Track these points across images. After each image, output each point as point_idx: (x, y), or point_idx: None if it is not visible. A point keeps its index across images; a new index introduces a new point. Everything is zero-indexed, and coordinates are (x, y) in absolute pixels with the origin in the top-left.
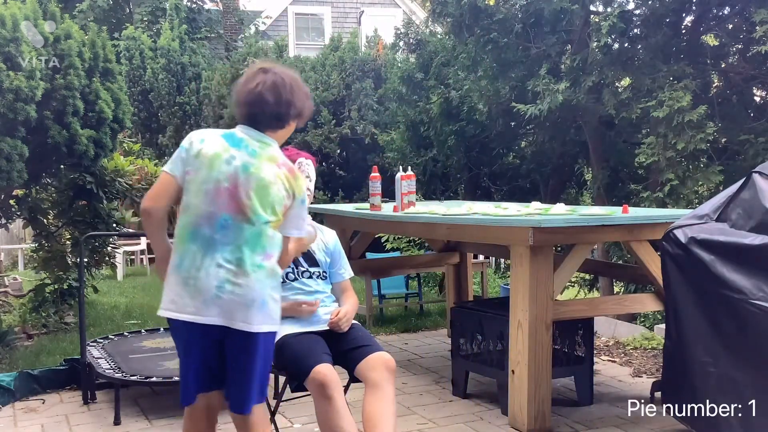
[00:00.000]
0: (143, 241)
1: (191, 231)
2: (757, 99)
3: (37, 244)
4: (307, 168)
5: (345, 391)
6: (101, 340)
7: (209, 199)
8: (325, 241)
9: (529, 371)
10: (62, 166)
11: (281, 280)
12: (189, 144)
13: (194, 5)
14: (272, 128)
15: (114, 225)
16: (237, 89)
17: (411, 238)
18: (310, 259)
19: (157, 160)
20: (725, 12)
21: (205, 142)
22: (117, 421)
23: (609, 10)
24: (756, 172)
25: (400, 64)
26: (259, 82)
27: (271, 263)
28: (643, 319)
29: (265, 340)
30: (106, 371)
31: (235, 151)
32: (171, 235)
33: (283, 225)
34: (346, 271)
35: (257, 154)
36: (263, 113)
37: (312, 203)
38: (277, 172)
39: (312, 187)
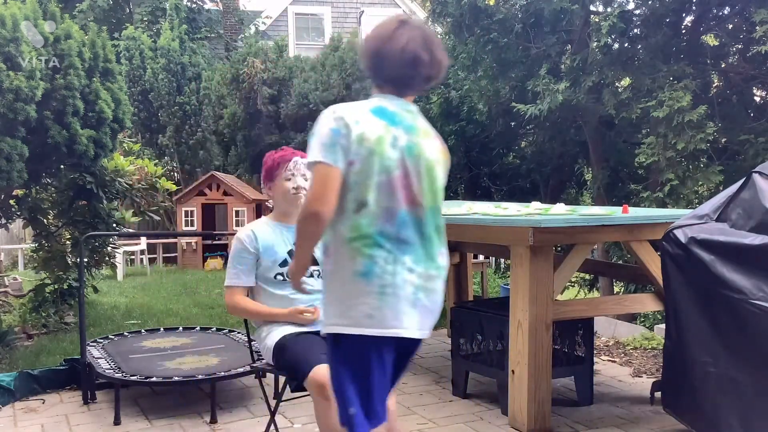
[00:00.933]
0: (143, 241)
1: (374, 233)
2: (757, 99)
3: (37, 244)
4: (303, 167)
5: None
6: (101, 340)
7: (385, 194)
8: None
9: (529, 371)
10: (62, 166)
11: (282, 279)
12: (344, 127)
13: (194, 5)
14: (415, 92)
15: (114, 225)
16: (379, 47)
17: None
18: None
19: (157, 160)
20: (725, 12)
21: (361, 123)
22: (117, 421)
23: (609, 10)
24: (756, 172)
25: None
26: (409, 38)
27: (445, 259)
28: (643, 319)
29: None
30: (106, 371)
31: (395, 129)
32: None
33: None
34: None
35: (414, 130)
36: (419, 75)
37: None
38: (436, 146)
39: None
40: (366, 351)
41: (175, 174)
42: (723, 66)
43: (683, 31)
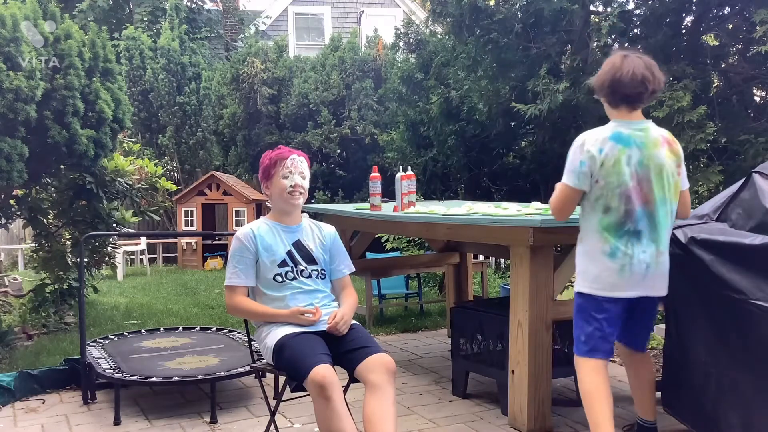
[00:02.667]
0: (143, 241)
1: (619, 228)
2: (757, 99)
3: (37, 244)
4: (301, 165)
5: (345, 392)
6: (101, 340)
7: (624, 200)
8: (323, 237)
9: (529, 371)
10: (62, 166)
11: (281, 280)
12: (590, 158)
13: (194, 5)
14: (644, 105)
15: (114, 225)
16: (614, 76)
17: (411, 238)
18: (308, 256)
19: (156, 160)
20: (725, 12)
21: (604, 151)
22: (117, 421)
23: (609, 10)
24: (756, 172)
25: (400, 64)
26: (635, 65)
27: (669, 234)
28: None
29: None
30: (106, 371)
31: (629, 150)
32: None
33: (682, 183)
34: (347, 267)
35: (645, 146)
36: (647, 91)
37: (312, 203)
38: (663, 152)
39: (306, 185)
40: (601, 306)
41: (175, 174)
42: (723, 66)
43: (683, 31)
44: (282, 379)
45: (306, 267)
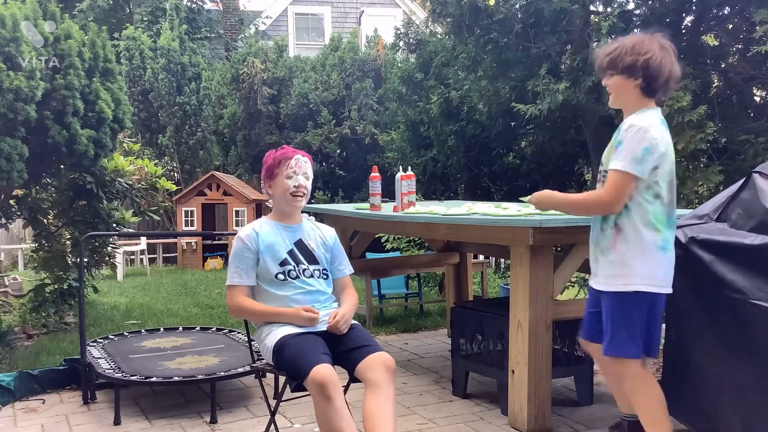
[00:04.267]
0: (143, 241)
1: (668, 218)
2: (757, 99)
3: (37, 244)
4: (305, 165)
5: (345, 391)
6: (101, 340)
7: (672, 189)
8: (324, 237)
9: (529, 371)
10: (62, 166)
11: (283, 278)
12: (654, 145)
13: (194, 5)
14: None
15: (114, 225)
16: (661, 64)
17: (411, 238)
18: (309, 255)
19: (156, 160)
20: (725, 12)
21: (664, 137)
22: (117, 421)
23: (609, 10)
24: (756, 172)
25: (400, 64)
26: (663, 51)
27: None
28: None
29: None
30: (106, 371)
31: (669, 138)
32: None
33: None
34: (346, 267)
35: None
36: (670, 79)
37: (312, 203)
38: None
39: (309, 186)
40: (653, 304)
41: (175, 174)
42: (723, 66)
43: (683, 31)
44: (282, 379)
45: (308, 266)
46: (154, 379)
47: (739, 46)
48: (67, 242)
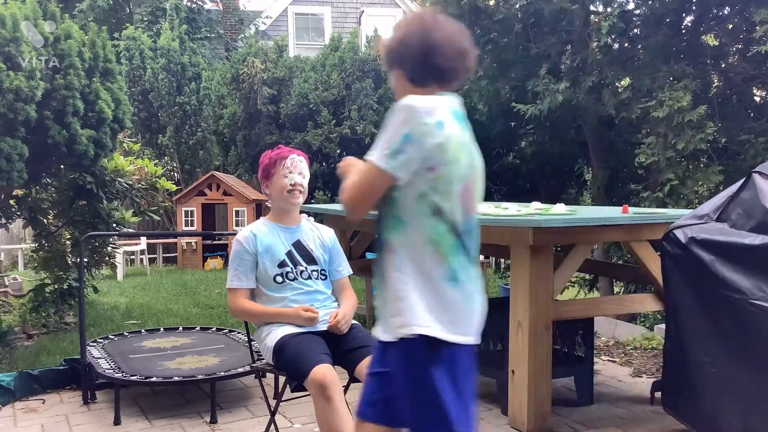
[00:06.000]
0: (143, 241)
1: (452, 240)
2: (757, 99)
3: (37, 244)
4: (300, 164)
5: (345, 392)
6: (101, 340)
7: (458, 203)
8: (323, 237)
9: (529, 371)
10: (62, 166)
11: (281, 280)
12: (422, 133)
13: (194, 5)
14: (452, 89)
15: (114, 225)
16: (426, 37)
17: None
18: (308, 256)
19: (156, 160)
20: (725, 12)
21: (446, 125)
22: (117, 421)
23: (609, 10)
24: (756, 172)
25: None
26: (453, 29)
27: None
28: (643, 319)
29: None
30: (106, 371)
31: (466, 133)
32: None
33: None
34: (345, 268)
35: (468, 130)
36: (462, 68)
37: (312, 203)
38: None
39: (306, 185)
40: (454, 360)
41: (175, 174)
42: (723, 66)
43: (683, 31)
44: (282, 379)
45: (306, 267)
46: (154, 379)
47: (739, 46)
48: (67, 242)
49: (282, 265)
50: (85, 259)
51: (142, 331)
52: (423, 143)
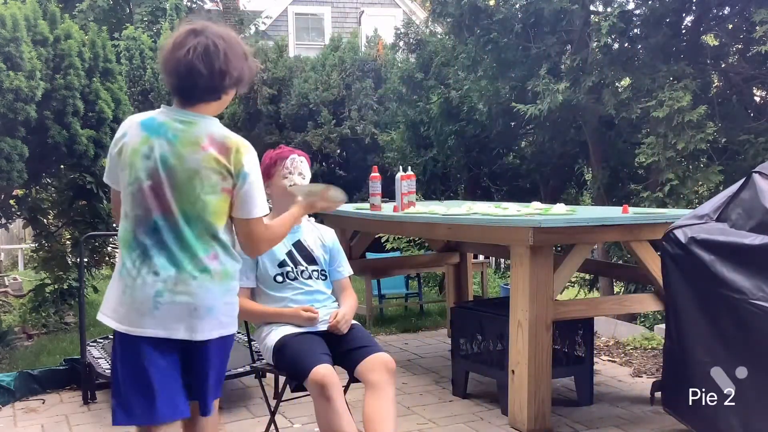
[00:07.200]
0: None
1: (129, 238)
2: (757, 99)
3: (37, 244)
4: (300, 165)
5: (345, 392)
6: (101, 340)
7: (136, 203)
8: (323, 238)
9: (529, 371)
10: (62, 166)
11: (282, 280)
12: (114, 141)
13: (194, 5)
14: (206, 101)
15: (114, 225)
16: (165, 55)
17: (411, 238)
18: (308, 256)
19: None
20: (725, 12)
21: (127, 135)
22: None
23: (609, 10)
24: (756, 172)
25: (400, 64)
26: (190, 48)
27: (218, 264)
28: (643, 319)
29: (219, 347)
30: (106, 371)
31: (155, 140)
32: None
33: (238, 209)
34: (345, 268)
35: (178, 140)
36: (196, 86)
37: None
38: (202, 156)
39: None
40: (123, 344)
41: None
42: (723, 66)
43: (683, 31)
44: (282, 379)
45: (306, 267)
46: None
47: (739, 46)
48: (67, 242)
49: (282, 264)
50: (85, 259)
51: None
52: (110, 153)
